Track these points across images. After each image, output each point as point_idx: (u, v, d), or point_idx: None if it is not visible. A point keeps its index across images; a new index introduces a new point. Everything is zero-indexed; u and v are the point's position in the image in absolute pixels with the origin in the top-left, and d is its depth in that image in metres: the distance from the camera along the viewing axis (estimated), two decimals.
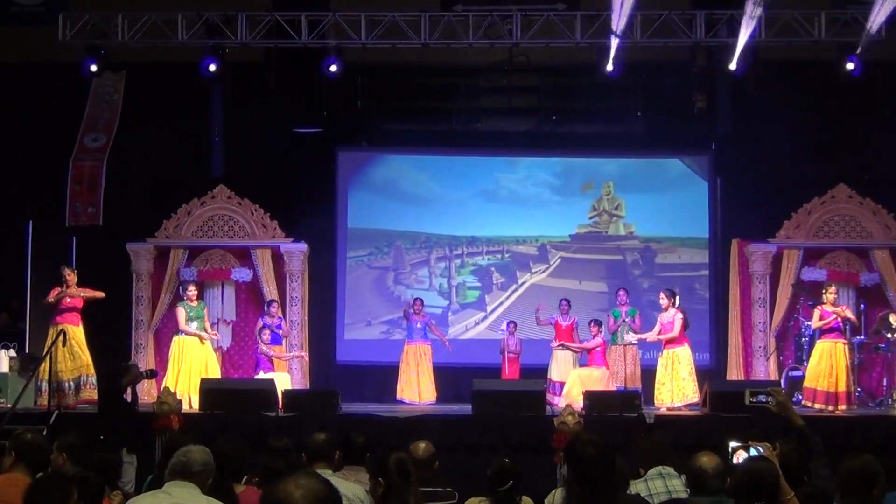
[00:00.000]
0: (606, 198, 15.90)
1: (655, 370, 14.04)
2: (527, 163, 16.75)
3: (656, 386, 13.89)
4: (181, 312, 14.00)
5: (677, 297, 14.28)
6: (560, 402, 13.70)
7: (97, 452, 7.04)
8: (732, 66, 14.46)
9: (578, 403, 12.79)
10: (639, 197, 15.85)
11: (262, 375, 14.04)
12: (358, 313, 16.68)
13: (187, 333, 13.91)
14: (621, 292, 14.87)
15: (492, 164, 16.87)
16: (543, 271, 16.06)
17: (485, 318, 16.49)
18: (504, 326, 15.35)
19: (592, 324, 14.61)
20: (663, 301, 14.10)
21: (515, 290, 16.33)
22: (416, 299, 15.44)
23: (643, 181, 16.17)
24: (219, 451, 5.86)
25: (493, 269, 16.47)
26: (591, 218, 15.97)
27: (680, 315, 13.94)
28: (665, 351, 13.93)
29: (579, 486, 4.07)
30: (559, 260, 16.00)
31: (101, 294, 13.39)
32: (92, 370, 13.18)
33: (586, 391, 13.20)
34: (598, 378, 14.24)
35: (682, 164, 16.56)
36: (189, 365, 13.82)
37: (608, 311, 15.10)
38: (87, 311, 13.40)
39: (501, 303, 16.40)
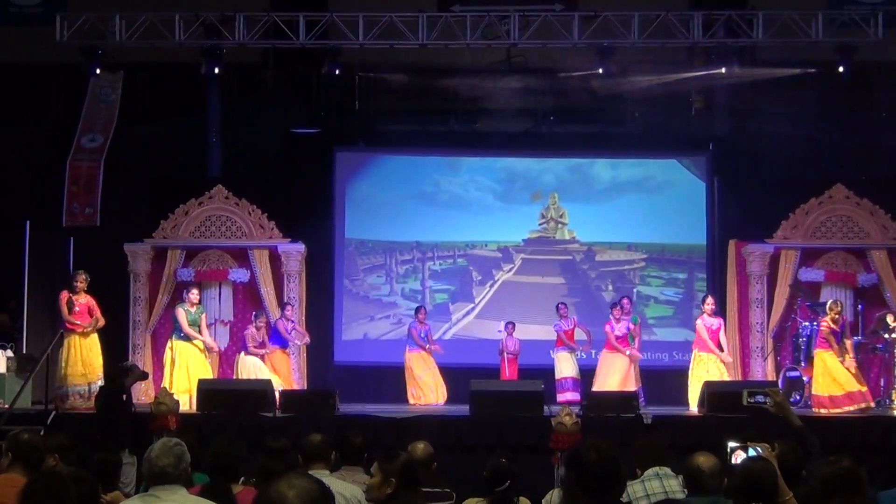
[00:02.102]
0: (553, 207, 16.86)
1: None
2: (467, 166, 17.07)
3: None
4: (182, 314, 14.00)
5: None
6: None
7: (96, 453, 7.03)
8: (723, 69, 14.59)
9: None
10: (577, 205, 16.98)
11: (244, 360, 14.16)
12: (355, 313, 16.73)
13: (189, 336, 13.90)
14: (625, 301, 14.88)
15: (432, 166, 17.09)
16: (510, 270, 16.86)
17: (472, 309, 16.75)
18: (502, 327, 15.38)
19: (617, 308, 14.74)
20: (709, 306, 14.32)
21: (492, 287, 16.81)
22: (419, 307, 15.51)
23: (579, 190, 16.96)
24: (216, 452, 5.87)
25: (471, 268, 16.83)
26: (540, 224, 16.91)
27: (721, 321, 14.42)
28: (705, 354, 14.19)
29: (582, 492, 4.06)
30: (521, 260, 16.86)
31: (101, 321, 13.40)
32: (92, 379, 13.18)
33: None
34: (623, 364, 14.46)
35: (613, 169, 16.98)
36: (184, 367, 13.83)
37: (568, 296, 16.11)
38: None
39: (484, 296, 16.82)
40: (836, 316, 13.51)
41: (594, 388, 14.28)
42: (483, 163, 17.13)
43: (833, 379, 13.36)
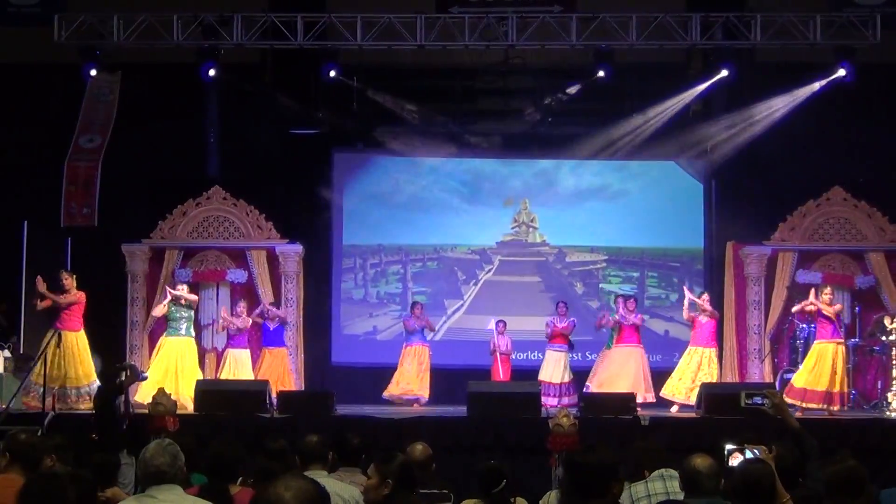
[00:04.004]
0: (524, 211, 17.23)
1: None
2: (429, 167, 17.19)
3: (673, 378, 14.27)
4: (161, 309, 14.15)
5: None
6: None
7: (95, 453, 7.02)
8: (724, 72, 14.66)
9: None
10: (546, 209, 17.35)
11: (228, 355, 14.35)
12: (353, 315, 16.78)
13: (175, 297, 14.10)
14: (630, 302, 14.91)
15: (389, 165, 17.18)
16: (489, 270, 17.22)
17: (459, 307, 17.00)
18: (492, 326, 15.35)
19: (631, 300, 14.84)
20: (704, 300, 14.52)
21: (476, 285, 17.11)
22: (414, 303, 15.54)
23: (550, 193, 17.31)
24: (214, 453, 5.87)
25: (456, 268, 17.11)
26: (512, 228, 17.27)
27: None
28: (698, 349, 14.31)
29: (579, 496, 4.05)
30: (498, 262, 17.25)
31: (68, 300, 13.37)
32: (82, 382, 13.15)
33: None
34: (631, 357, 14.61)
35: (570, 171, 17.25)
36: (166, 364, 13.85)
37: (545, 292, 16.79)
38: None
39: (469, 295, 17.15)
40: (829, 297, 13.61)
41: (599, 386, 14.37)
42: (456, 165, 17.21)
43: (818, 374, 13.41)
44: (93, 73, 14.46)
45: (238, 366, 14.28)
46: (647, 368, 14.74)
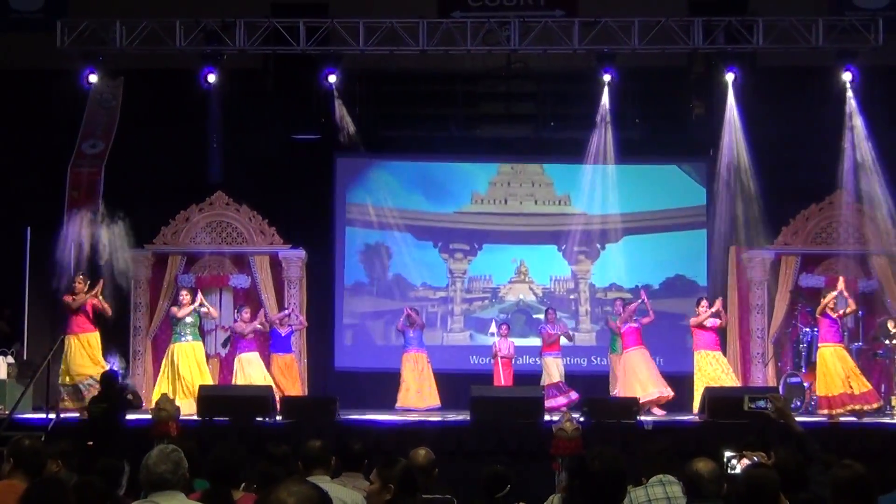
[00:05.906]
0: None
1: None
2: (431, 172, 17.14)
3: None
4: (176, 310, 14.07)
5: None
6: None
7: (100, 459, 7.02)
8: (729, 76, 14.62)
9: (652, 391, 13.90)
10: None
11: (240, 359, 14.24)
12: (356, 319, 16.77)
13: (195, 312, 14.01)
14: (623, 303, 14.89)
15: (391, 170, 17.18)
16: (491, 275, 17.22)
17: (463, 311, 17.03)
18: (494, 328, 15.31)
19: (634, 305, 14.76)
20: (703, 308, 14.30)
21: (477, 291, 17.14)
22: (408, 309, 15.51)
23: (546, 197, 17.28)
24: (217, 458, 5.86)
25: (458, 272, 17.12)
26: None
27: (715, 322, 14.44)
28: (705, 352, 14.16)
29: (585, 500, 4.05)
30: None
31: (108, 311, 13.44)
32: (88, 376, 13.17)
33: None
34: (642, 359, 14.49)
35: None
36: (183, 373, 13.84)
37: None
38: None
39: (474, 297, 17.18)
40: (833, 302, 13.54)
41: (622, 391, 14.31)
42: (458, 169, 17.22)
43: (831, 377, 13.35)
44: (92, 78, 14.44)
45: (251, 368, 14.23)
46: (655, 366, 14.69)
